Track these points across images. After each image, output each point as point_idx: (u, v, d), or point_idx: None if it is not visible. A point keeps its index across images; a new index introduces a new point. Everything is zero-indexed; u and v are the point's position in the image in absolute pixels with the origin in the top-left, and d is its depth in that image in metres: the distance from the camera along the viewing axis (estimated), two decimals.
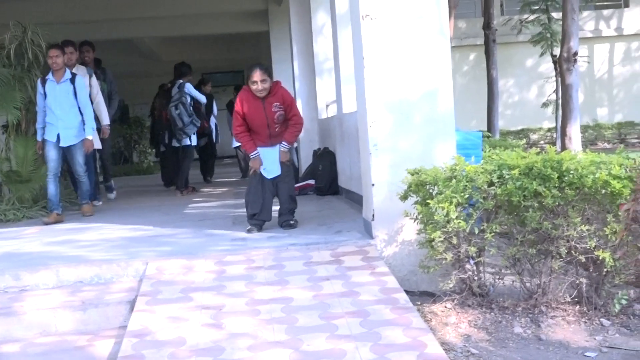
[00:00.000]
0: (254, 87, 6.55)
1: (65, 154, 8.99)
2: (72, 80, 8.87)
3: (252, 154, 6.74)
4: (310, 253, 5.68)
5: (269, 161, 6.74)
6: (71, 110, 8.81)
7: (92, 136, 9.13)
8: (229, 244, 6.31)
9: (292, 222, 6.74)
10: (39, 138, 9.02)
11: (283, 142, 6.76)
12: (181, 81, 11.54)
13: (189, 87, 11.52)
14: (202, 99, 11.84)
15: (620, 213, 4.02)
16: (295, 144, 6.73)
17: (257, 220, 6.70)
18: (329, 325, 4.38)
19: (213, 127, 14.21)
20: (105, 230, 7.70)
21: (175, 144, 11.80)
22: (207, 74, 24.53)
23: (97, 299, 5.21)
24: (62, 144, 8.77)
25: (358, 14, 5.74)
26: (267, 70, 6.66)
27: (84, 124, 8.93)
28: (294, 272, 5.34)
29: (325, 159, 9.82)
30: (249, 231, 6.62)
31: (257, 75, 6.49)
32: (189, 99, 11.38)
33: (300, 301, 4.79)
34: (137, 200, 11.29)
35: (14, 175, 10.09)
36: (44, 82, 8.86)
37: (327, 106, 10.87)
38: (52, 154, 8.82)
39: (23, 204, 9.74)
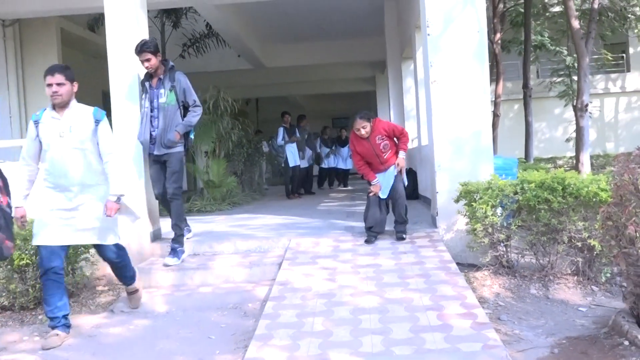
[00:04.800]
0: (358, 133, 5.70)
1: None
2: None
3: (373, 181, 5.75)
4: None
5: (382, 184, 5.79)
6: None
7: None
8: (343, 229, 6.40)
9: (404, 236, 5.65)
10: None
11: (400, 151, 5.75)
12: (282, 127, 11.41)
13: (280, 130, 11.40)
14: (279, 139, 11.45)
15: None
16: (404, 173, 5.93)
17: (373, 232, 5.72)
18: (404, 282, 4.46)
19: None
20: (265, 219, 7.87)
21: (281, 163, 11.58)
22: (336, 119, 25.00)
23: (259, 261, 5.39)
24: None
25: (429, 80, 5.76)
26: (366, 116, 5.74)
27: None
28: (383, 248, 5.41)
29: (409, 175, 9.83)
30: (367, 242, 5.62)
31: (357, 124, 5.66)
32: (280, 137, 11.34)
33: (386, 267, 4.86)
34: (286, 200, 11.43)
35: (211, 182, 10.52)
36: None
37: (411, 140, 10.90)
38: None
39: (216, 201, 10.10)
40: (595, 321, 4.05)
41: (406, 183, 6.05)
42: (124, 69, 5.77)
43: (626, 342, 3.46)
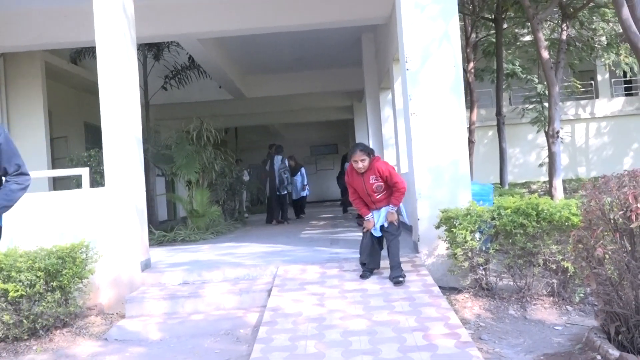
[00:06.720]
0: (355, 165, 5.48)
1: None
2: None
3: (366, 216, 5.61)
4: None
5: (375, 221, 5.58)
6: None
7: None
8: (328, 256, 6.55)
9: (400, 279, 5.21)
10: None
11: (390, 205, 5.48)
12: (281, 156, 12.29)
13: (286, 161, 12.42)
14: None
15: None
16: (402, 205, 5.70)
17: (368, 268, 5.54)
18: (390, 305, 4.64)
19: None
20: (251, 247, 8.01)
21: (280, 192, 12.33)
22: (314, 147, 25.31)
23: (248, 288, 5.51)
24: None
25: (408, 111, 6.00)
26: (366, 149, 5.51)
27: None
28: None
29: None
30: (361, 277, 5.44)
31: (356, 156, 5.44)
32: (287, 167, 12.34)
33: (372, 291, 5.03)
34: (269, 228, 11.70)
35: (195, 212, 10.65)
36: None
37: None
38: None
39: (200, 230, 10.21)
40: (570, 339, 4.30)
41: (407, 222, 5.98)
42: (115, 103, 5.97)
43: (599, 357, 3.71)
